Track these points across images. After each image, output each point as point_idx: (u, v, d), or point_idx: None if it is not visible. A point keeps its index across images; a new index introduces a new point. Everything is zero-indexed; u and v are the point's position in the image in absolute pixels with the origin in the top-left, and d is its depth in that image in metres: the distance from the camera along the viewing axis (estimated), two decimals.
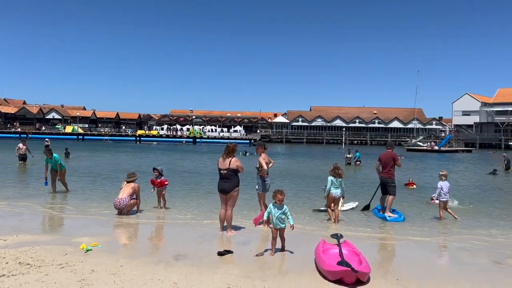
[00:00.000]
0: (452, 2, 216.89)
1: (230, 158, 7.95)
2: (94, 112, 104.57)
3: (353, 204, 11.71)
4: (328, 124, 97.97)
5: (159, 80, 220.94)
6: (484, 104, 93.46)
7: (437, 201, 12.46)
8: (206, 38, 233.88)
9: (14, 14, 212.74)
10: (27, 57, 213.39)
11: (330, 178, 9.53)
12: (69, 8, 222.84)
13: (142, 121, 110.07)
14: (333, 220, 9.44)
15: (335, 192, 9.43)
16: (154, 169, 10.76)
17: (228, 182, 7.90)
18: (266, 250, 6.59)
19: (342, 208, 11.36)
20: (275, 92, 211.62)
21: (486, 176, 22.66)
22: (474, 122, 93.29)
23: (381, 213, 10.36)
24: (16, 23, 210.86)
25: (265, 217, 6.73)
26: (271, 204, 6.60)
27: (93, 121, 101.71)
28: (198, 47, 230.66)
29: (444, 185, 10.05)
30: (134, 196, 9.88)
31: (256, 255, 6.33)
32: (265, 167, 8.78)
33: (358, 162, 27.62)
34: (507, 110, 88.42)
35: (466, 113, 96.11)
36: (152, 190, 10.64)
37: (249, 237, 7.80)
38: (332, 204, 9.59)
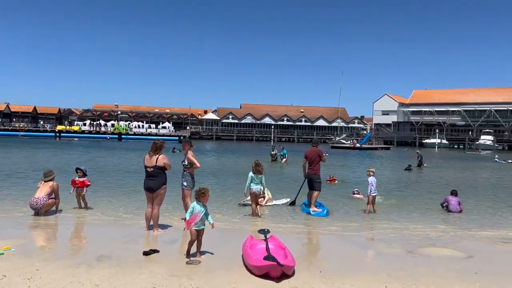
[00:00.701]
0: (371, 6, 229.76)
1: (157, 155, 7.77)
2: (8, 106, 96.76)
3: (284, 200, 12.03)
4: (258, 122, 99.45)
5: (81, 73, 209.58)
6: (401, 105, 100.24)
7: (358, 196, 13.25)
8: (132, 29, 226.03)
9: None
10: None
11: (250, 174, 9.75)
12: None
13: (62, 116, 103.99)
14: (254, 215, 9.68)
15: (255, 188, 9.65)
16: (77, 169, 10.08)
17: (154, 180, 7.71)
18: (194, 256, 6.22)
19: (276, 202, 11.72)
20: (206, 89, 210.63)
21: (402, 172, 24.35)
22: (392, 121, 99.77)
23: (307, 207, 10.73)
24: None
25: (187, 216, 6.20)
26: (194, 202, 6.30)
27: (7, 115, 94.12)
28: (122, 38, 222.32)
29: (373, 180, 10.64)
30: (53, 195, 9.26)
31: (188, 263, 5.88)
32: (197, 163, 8.71)
33: (284, 159, 28.26)
34: (421, 111, 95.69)
35: (385, 113, 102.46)
36: (72, 191, 9.95)
37: (177, 235, 7.68)
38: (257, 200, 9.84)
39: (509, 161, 36.19)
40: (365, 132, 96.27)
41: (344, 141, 67.87)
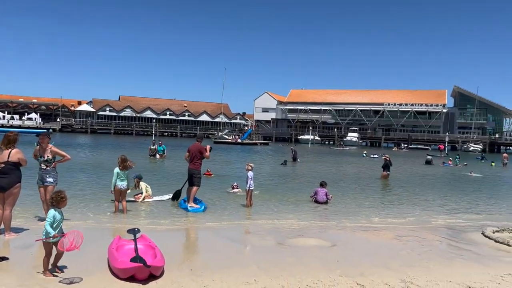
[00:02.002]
0: (256, 5, 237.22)
1: (9, 150, 6.83)
2: None
3: (167, 196, 11.66)
4: (138, 115, 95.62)
5: None
6: (280, 103, 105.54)
7: (236, 190, 13.43)
8: None
9: None
10: None
11: (116, 170, 9.23)
12: None
13: None
14: (116, 212, 9.28)
15: (121, 184, 9.19)
16: None
17: (6, 178, 6.76)
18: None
19: (156, 199, 11.33)
20: (80, 78, 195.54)
21: (278, 166, 25.49)
22: (272, 118, 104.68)
23: (186, 203, 10.51)
24: None
25: (49, 229, 5.08)
26: (53, 211, 5.28)
27: None
28: None
29: (251, 175, 10.81)
30: None
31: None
32: (67, 155, 7.94)
33: (163, 155, 27.37)
34: (297, 109, 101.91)
35: (265, 110, 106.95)
36: None
37: (32, 239, 6.83)
38: (120, 197, 9.36)
39: (374, 156, 40.30)
40: (246, 128, 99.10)
41: (226, 136, 68.97)
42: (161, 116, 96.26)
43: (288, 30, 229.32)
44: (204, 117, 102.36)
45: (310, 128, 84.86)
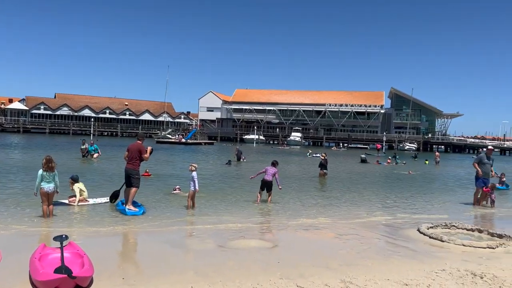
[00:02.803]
0: (194, 5, 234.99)
1: None
2: None
3: (104, 199, 11.02)
4: (76, 114, 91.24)
5: None
6: (225, 102, 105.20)
7: (177, 191, 13.03)
8: None
9: None
10: None
11: (40, 172, 8.59)
12: None
13: None
14: (46, 217, 8.65)
15: (47, 186, 8.58)
16: None
17: None
18: None
19: (93, 202, 10.72)
20: (12, 75, 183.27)
21: (223, 166, 25.24)
22: (217, 118, 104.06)
23: (124, 205, 9.99)
24: None
25: None
26: None
27: None
28: None
29: (195, 175, 10.47)
30: None
31: None
32: None
33: (96, 154, 26.08)
34: (242, 108, 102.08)
35: (210, 109, 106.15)
36: None
37: None
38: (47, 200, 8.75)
39: (317, 155, 41.06)
40: (190, 127, 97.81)
41: (170, 136, 67.55)
42: (100, 115, 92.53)
43: (233, 29, 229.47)
44: (147, 116, 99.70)
45: (255, 127, 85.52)
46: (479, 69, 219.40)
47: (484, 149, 15.45)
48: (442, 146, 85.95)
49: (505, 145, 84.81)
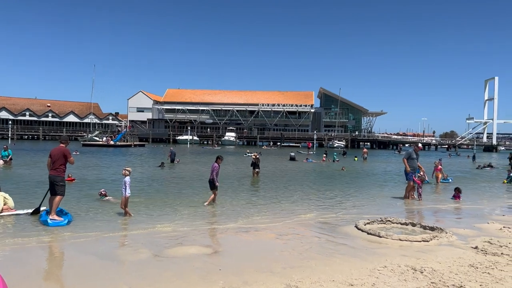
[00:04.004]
0: (122, 1, 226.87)
1: None
2: None
3: (29, 210, 9.93)
4: None
5: None
6: (156, 102, 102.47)
7: (109, 197, 12.19)
8: None
9: None
10: None
11: None
12: None
13: None
14: None
15: None
16: None
17: None
18: None
19: (18, 212, 9.71)
20: None
21: (155, 169, 24.30)
22: (148, 119, 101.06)
23: (47, 215, 9.07)
24: None
25: None
26: None
27: None
28: None
29: (128, 180, 9.79)
30: None
31: None
32: None
33: (8, 160, 23.88)
34: (175, 109, 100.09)
35: (140, 110, 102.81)
36: None
37: None
38: None
39: (250, 154, 41.14)
40: (120, 129, 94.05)
41: (97, 138, 64.35)
42: (19, 117, 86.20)
43: (164, 27, 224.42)
44: (71, 118, 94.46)
45: (189, 128, 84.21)
46: (402, 70, 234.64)
47: (413, 145, 16.24)
48: (368, 143, 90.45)
49: (424, 141, 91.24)
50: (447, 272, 5.54)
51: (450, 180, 19.60)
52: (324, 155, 37.65)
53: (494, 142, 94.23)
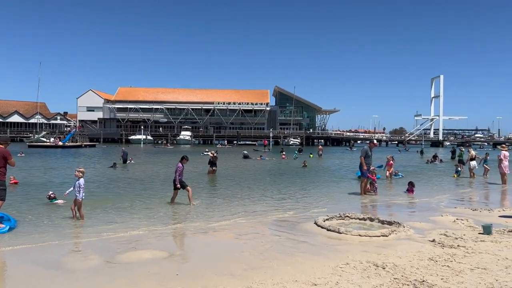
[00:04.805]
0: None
1: None
2: None
3: None
4: None
5: None
6: (107, 101, 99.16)
7: (59, 201, 11.45)
8: None
9: None
10: None
11: None
12: None
13: None
14: None
15: None
16: None
17: None
18: None
19: None
20: None
21: (107, 170, 23.35)
22: (98, 118, 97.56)
23: None
24: None
25: None
26: None
27: None
28: None
29: (82, 182, 9.18)
30: None
31: None
32: None
33: None
34: (127, 108, 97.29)
35: (90, 109, 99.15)
36: None
37: None
38: None
39: (208, 153, 40.57)
40: (69, 129, 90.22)
41: (44, 139, 61.35)
42: None
43: (112, 23, 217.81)
44: (16, 118, 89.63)
45: (142, 127, 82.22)
46: (354, 70, 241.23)
47: (365, 141, 16.50)
48: (322, 140, 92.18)
49: (376, 137, 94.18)
50: (409, 267, 5.52)
51: (401, 175, 20.15)
52: (284, 153, 37.82)
53: (441, 137, 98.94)
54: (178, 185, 11.61)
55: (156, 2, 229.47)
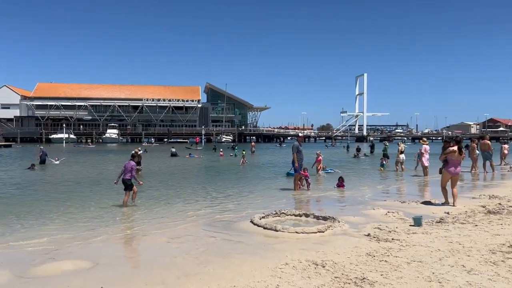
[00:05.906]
0: None
1: None
2: None
3: None
4: None
5: None
6: (24, 98, 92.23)
7: None
8: None
9: None
10: None
11: None
12: None
13: None
14: None
15: None
16: None
17: None
18: None
19: None
20: None
21: (25, 172, 21.46)
22: (15, 116, 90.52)
23: None
24: None
25: None
26: None
27: None
28: None
29: None
30: None
31: None
32: None
33: None
34: (47, 105, 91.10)
35: (5, 106, 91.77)
36: None
37: None
38: None
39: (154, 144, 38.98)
40: None
41: None
42: None
43: (31, 15, 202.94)
44: None
45: (64, 125, 77.52)
46: (283, 69, 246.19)
47: (294, 137, 16.62)
48: (254, 137, 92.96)
49: (305, 133, 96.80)
50: (348, 263, 5.42)
51: (330, 170, 20.61)
52: (221, 151, 37.50)
53: (365, 133, 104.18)
54: (141, 182, 11.42)
55: None
